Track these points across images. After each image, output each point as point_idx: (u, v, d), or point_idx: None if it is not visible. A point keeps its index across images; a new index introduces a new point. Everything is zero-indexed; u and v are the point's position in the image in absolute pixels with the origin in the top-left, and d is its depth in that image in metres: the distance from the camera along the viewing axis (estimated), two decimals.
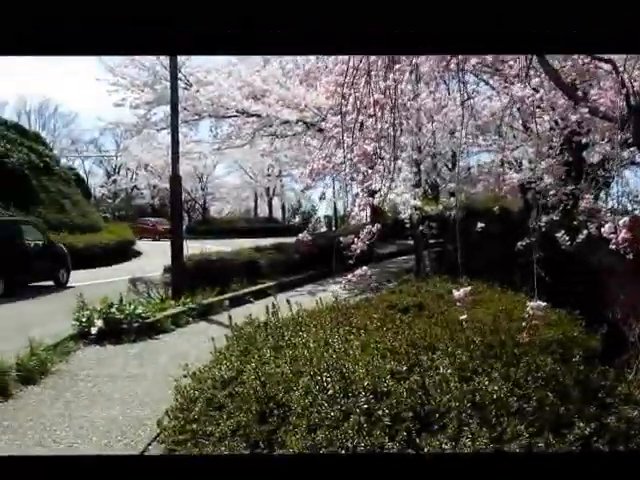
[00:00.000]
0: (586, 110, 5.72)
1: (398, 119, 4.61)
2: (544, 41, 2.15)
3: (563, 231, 9.16)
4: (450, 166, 19.71)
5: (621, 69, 5.40)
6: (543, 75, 6.00)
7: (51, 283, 15.85)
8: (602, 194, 19.38)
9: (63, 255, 16.79)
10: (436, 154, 13.93)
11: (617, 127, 5.59)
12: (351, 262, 5.60)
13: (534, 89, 5.97)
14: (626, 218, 3.70)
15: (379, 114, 4.54)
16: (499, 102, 12.79)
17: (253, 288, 13.23)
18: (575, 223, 8.83)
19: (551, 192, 13.26)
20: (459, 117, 10.83)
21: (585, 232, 8.78)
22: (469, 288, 3.99)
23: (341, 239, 5.43)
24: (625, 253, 3.93)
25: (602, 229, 3.83)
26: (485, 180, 13.74)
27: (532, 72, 6.07)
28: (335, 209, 44.58)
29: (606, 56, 5.50)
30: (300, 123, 16.24)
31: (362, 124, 5.24)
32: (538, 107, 12.31)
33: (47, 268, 15.95)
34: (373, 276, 5.59)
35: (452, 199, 12.85)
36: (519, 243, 9.56)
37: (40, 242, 16.21)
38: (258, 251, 15.94)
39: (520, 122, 15.67)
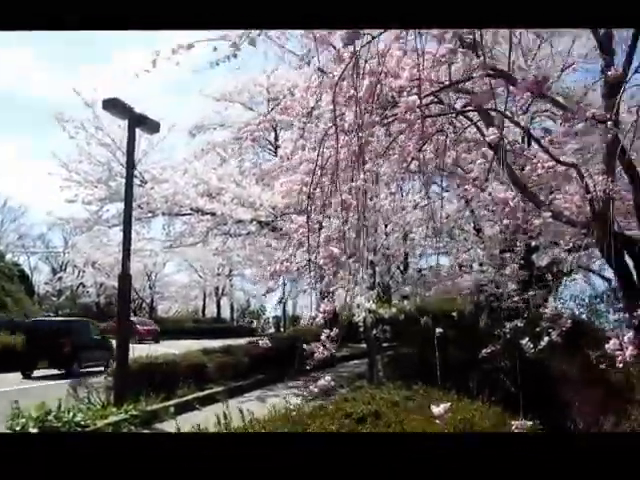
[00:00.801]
0: (549, 214, 5.76)
1: (362, 220, 4.52)
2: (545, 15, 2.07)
3: (527, 338, 9.08)
4: (402, 268, 19.85)
5: (585, 174, 5.51)
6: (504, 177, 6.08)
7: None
8: (551, 297, 19.67)
9: (111, 347, 20.24)
10: (390, 256, 13.99)
11: (581, 232, 5.64)
12: (308, 367, 5.37)
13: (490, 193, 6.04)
14: (631, 334, 3.56)
15: (343, 215, 4.44)
16: (455, 205, 13.11)
17: (200, 394, 12.62)
18: (538, 329, 8.78)
19: (508, 299, 13.41)
20: (415, 220, 10.97)
21: (547, 339, 8.72)
22: (449, 404, 3.74)
23: (305, 346, 5.19)
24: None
25: (606, 345, 3.66)
26: (439, 283, 13.80)
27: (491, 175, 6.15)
28: (284, 310, 44.31)
29: (569, 160, 5.62)
30: (254, 222, 16.18)
31: (320, 225, 5.13)
32: (491, 211, 12.67)
33: (101, 357, 20.80)
34: (332, 382, 5.32)
35: (406, 302, 12.76)
36: (484, 350, 9.41)
37: (97, 337, 21.81)
38: (206, 354, 15.36)
39: (471, 225, 16.06)
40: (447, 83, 4.52)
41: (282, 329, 39.67)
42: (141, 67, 5.52)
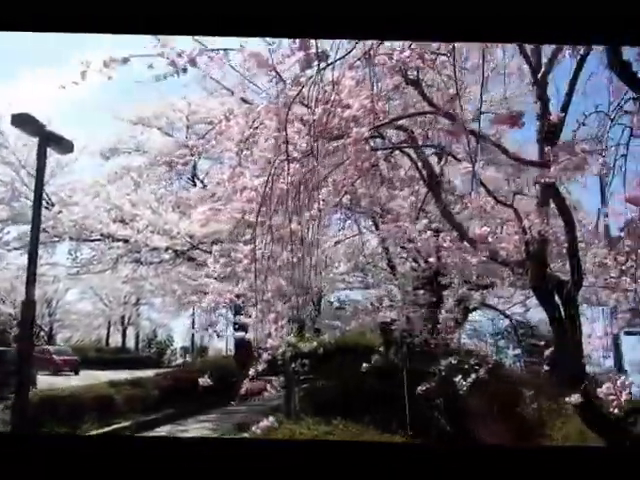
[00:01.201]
0: (486, 254, 5.85)
1: (315, 252, 4.42)
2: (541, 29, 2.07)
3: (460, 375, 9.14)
4: (316, 302, 19.80)
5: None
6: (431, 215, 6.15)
7: None
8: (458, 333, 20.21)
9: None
10: (308, 288, 13.92)
11: (516, 272, 5.75)
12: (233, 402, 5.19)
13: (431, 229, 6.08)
14: (623, 378, 3.54)
15: (294, 246, 4.32)
16: (375, 241, 13.21)
17: (107, 429, 11.95)
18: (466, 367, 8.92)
19: (420, 334, 13.61)
20: (343, 253, 10.94)
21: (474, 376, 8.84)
22: None
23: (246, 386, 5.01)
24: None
25: (599, 389, 3.63)
26: (358, 317, 13.84)
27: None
28: (193, 341, 43.06)
29: (508, 201, 5.77)
30: (170, 251, 15.70)
31: (269, 256, 4.96)
32: (410, 249, 12.87)
33: None
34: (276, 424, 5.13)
35: (326, 336, 12.68)
36: (419, 388, 9.40)
37: None
38: (113, 386, 14.64)
39: (386, 262, 16.27)
40: (392, 117, 4.52)
41: (190, 360, 38.69)
42: (64, 82, 5.22)
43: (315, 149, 4.03)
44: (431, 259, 13.97)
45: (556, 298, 5.88)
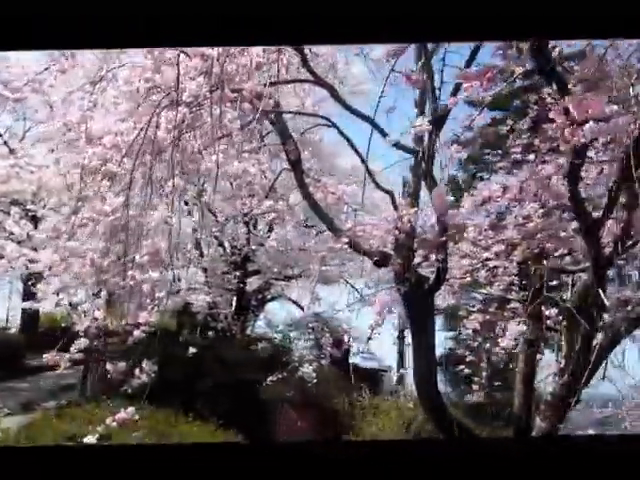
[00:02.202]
0: (346, 240, 5.84)
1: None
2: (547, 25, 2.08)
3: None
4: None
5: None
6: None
7: None
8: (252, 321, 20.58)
9: None
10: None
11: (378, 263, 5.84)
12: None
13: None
14: None
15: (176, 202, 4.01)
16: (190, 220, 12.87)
17: None
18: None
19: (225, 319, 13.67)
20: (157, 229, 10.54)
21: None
22: None
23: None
24: None
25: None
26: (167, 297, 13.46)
27: None
28: None
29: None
30: None
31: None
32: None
33: None
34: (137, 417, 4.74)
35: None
36: (269, 379, 9.17)
37: None
38: None
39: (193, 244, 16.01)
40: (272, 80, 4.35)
41: None
42: None
43: (208, 96, 3.74)
44: (240, 244, 14.01)
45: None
